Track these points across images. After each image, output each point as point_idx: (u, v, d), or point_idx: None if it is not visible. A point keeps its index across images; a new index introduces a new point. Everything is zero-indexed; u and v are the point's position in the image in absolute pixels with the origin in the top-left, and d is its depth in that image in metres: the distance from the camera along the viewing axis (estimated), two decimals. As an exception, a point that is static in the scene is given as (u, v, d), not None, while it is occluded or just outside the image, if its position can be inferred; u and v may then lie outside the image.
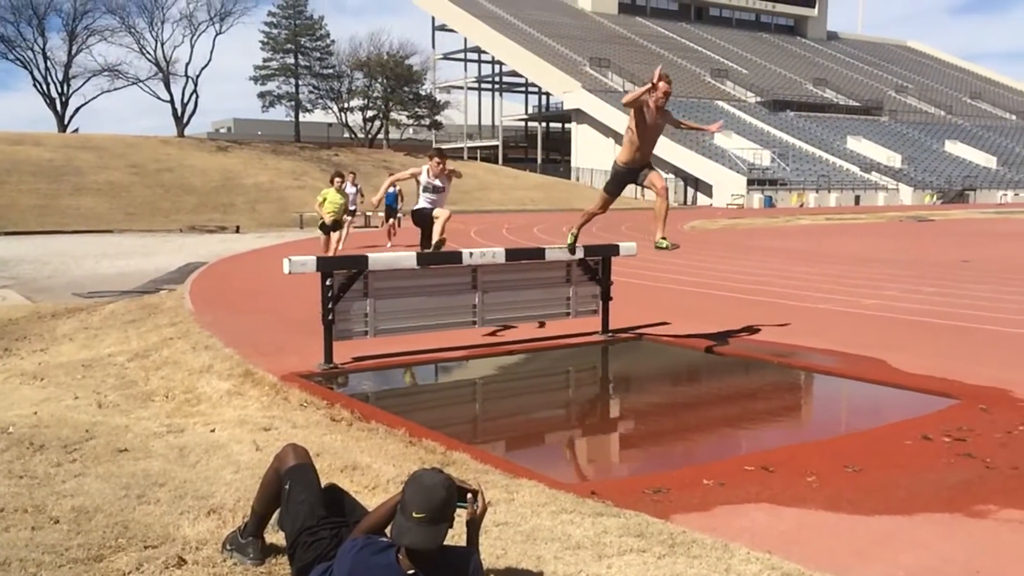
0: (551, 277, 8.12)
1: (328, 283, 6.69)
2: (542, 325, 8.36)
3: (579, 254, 8.00)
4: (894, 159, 62.88)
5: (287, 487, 2.95)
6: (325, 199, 14.30)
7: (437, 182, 8.39)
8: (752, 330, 8.55)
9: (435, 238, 8.13)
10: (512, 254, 7.83)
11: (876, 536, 3.56)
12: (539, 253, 8.10)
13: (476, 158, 68.49)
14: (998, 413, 5.54)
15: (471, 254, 7.44)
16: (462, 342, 7.66)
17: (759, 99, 69.14)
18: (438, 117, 65.52)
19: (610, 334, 8.22)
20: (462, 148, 74.04)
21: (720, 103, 66.80)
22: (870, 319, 9.46)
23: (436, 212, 8.32)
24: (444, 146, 73.89)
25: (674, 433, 5.37)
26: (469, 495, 2.54)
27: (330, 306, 6.69)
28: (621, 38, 76.09)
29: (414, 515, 2.36)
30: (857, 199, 56.10)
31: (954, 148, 70.27)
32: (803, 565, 3.16)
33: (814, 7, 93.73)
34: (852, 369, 6.78)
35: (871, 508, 3.86)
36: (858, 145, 64.79)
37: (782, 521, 3.72)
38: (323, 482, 3.10)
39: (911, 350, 7.49)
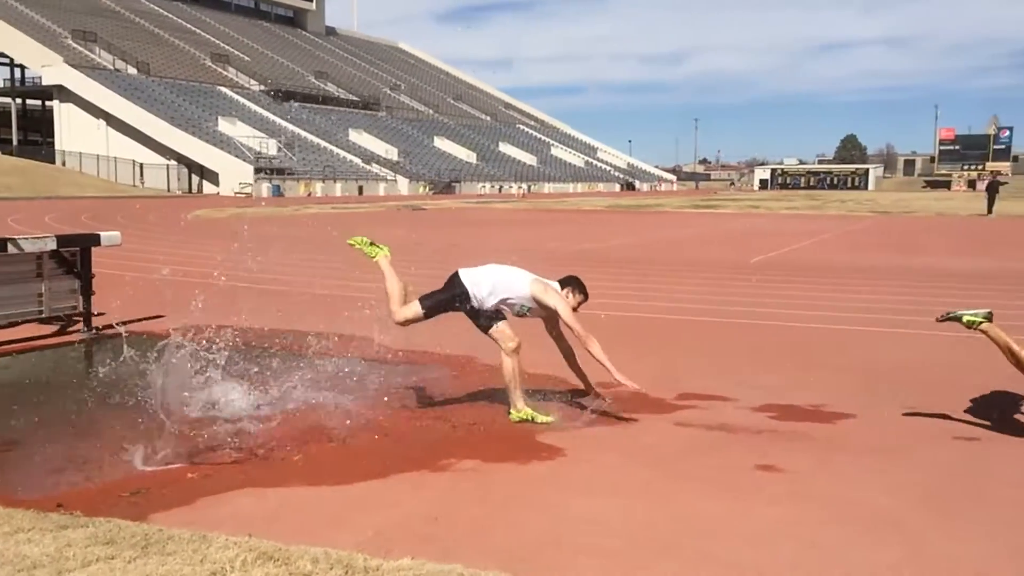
0: (17, 272, 7.17)
1: None
2: None
3: (52, 245, 7.19)
4: (392, 152, 67.57)
5: None
6: None
7: (541, 310, 5.35)
8: (252, 319, 8.50)
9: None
10: (-37, 247, 6.75)
11: (353, 502, 3.79)
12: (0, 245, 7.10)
13: (-71, 136, 57.76)
14: (465, 377, 6.28)
15: (-95, 248, 6.24)
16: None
17: (263, 88, 69.06)
18: None
19: (94, 331, 7.54)
20: (-91, 123, 61.78)
21: (223, 89, 65.31)
22: (364, 301, 10.04)
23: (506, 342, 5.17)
24: None
25: (161, 430, 5.11)
26: None
27: None
28: (109, 11, 70.14)
29: None
30: (361, 189, 59.18)
31: (442, 144, 77.86)
32: (281, 541, 3.23)
33: (312, 1, 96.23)
34: (342, 348, 7.14)
35: (350, 477, 4.10)
36: (359, 138, 68.32)
37: (265, 503, 3.77)
38: None
39: (398, 328, 8.11)
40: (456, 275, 5.49)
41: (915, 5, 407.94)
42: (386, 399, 5.62)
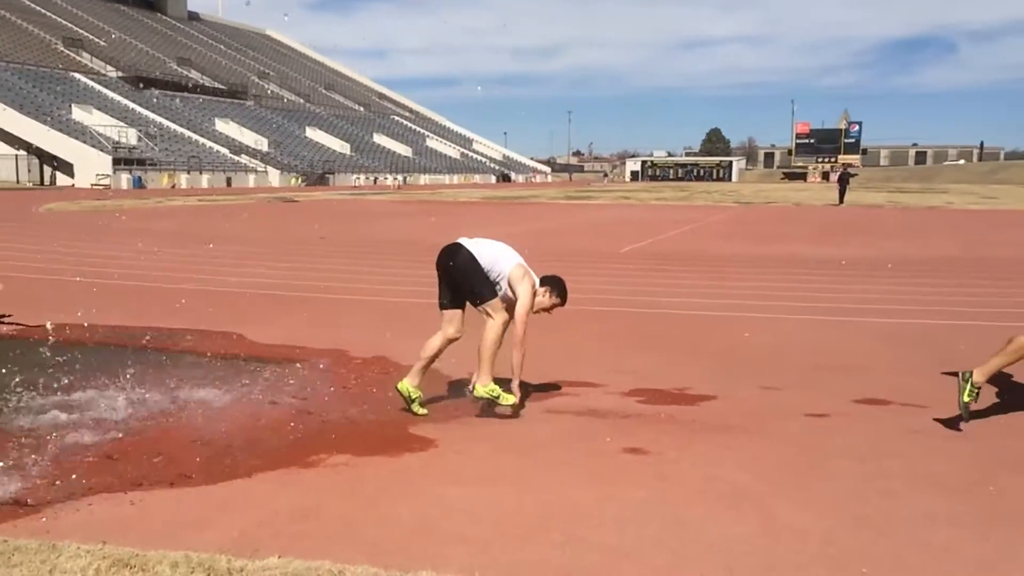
0: None
1: None
2: None
3: None
4: (261, 142, 65.63)
5: None
6: None
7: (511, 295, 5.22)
8: (110, 315, 8.10)
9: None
10: None
11: (217, 502, 3.67)
12: None
13: None
14: (336, 372, 6.17)
15: None
16: None
17: (120, 74, 65.72)
18: None
19: (-70, 334, 7.00)
20: None
21: (77, 75, 61.81)
22: (231, 295, 9.74)
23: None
24: None
25: (6, 437, 4.81)
26: None
27: None
28: (-53, -10, 65.07)
29: None
30: (229, 180, 57.21)
31: (314, 134, 76.17)
32: (139, 547, 3.10)
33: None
34: (208, 346, 6.90)
35: (215, 477, 3.97)
36: (226, 127, 66.05)
37: (121, 508, 3.59)
38: None
39: (266, 322, 7.91)
40: (460, 245, 5.24)
41: (769, 6, 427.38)
42: (254, 395, 5.47)
